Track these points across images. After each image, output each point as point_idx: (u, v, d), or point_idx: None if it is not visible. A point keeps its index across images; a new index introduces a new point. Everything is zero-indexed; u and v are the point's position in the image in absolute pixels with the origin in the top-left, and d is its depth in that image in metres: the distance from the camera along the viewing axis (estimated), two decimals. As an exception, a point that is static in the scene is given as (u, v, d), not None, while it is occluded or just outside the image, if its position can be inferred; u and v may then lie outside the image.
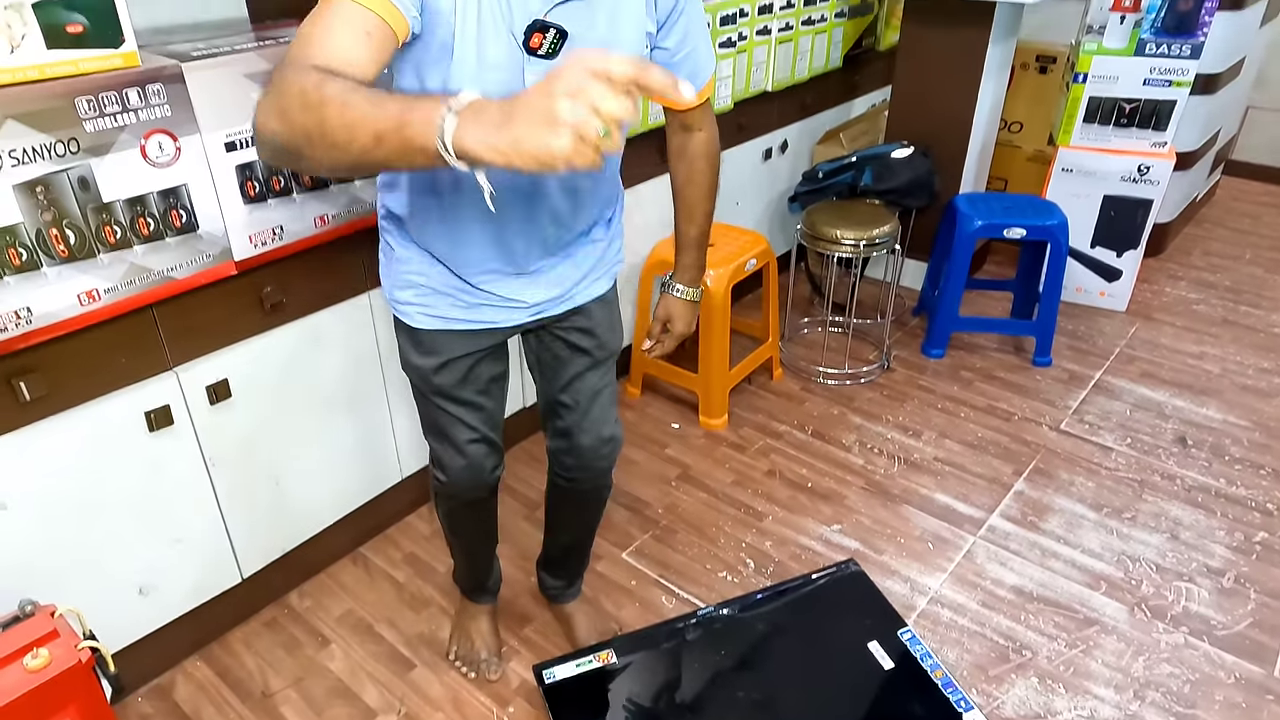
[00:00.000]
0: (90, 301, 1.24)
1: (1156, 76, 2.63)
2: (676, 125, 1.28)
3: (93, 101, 1.15)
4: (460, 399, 1.30)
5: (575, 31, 1.01)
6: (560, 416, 1.40)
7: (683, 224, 1.37)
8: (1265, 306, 3.00)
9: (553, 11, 0.99)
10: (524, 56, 1.00)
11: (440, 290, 1.21)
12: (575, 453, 1.41)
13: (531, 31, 0.99)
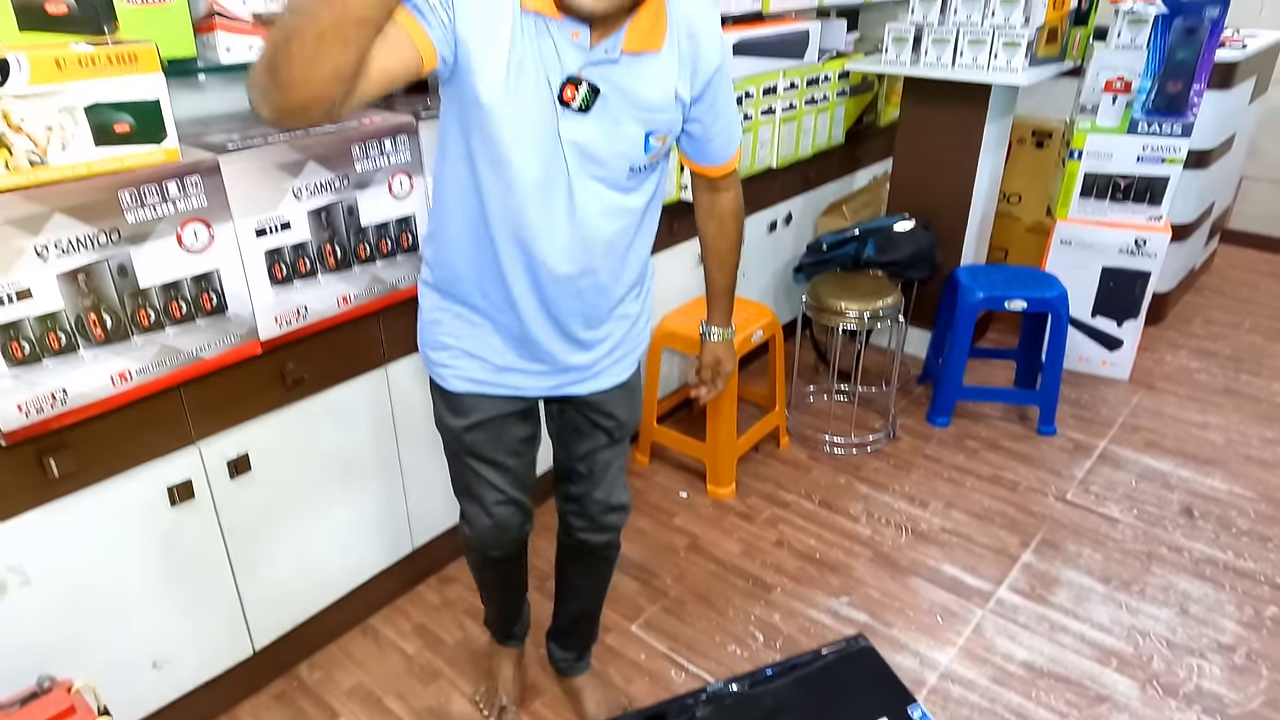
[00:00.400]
0: (122, 382, 1.28)
1: (1149, 154, 2.71)
2: (705, 186, 1.37)
3: (135, 194, 1.21)
4: (489, 459, 1.37)
5: (606, 90, 1.07)
6: (573, 482, 1.47)
7: (716, 274, 1.47)
8: (1266, 375, 3.03)
9: (586, 69, 1.05)
10: (557, 107, 1.06)
11: (471, 354, 1.29)
12: (585, 515, 1.48)
13: (565, 84, 1.05)
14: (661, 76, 1.10)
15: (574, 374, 1.32)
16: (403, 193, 1.59)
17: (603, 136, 1.09)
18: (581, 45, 1.04)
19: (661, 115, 1.13)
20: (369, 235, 1.56)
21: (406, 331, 1.75)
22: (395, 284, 1.64)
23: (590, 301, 1.24)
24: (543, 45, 1.04)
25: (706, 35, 1.13)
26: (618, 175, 1.14)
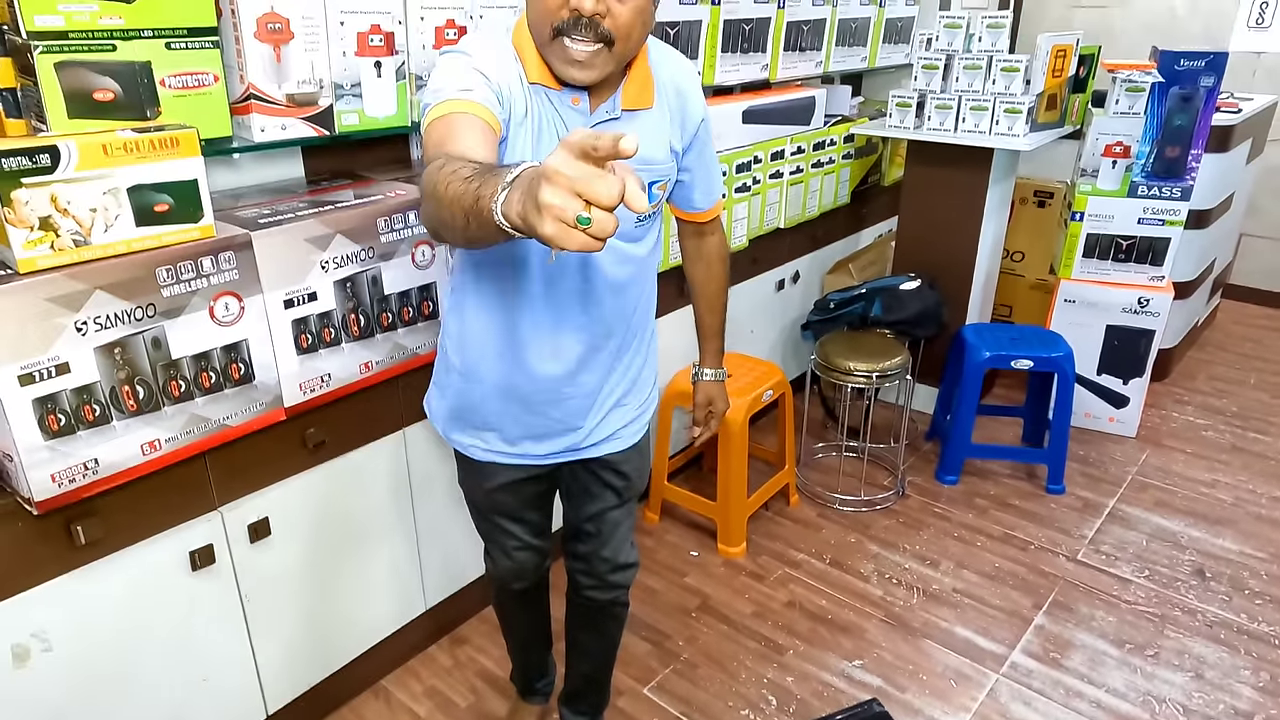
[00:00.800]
0: (152, 451, 1.31)
1: (1150, 216, 2.76)
2: (691, 232, 1.47)
3: (171, 270, 1.26)
4: (510, 514, 1.47)
5: None
6: (581, 541, 1.51)
7: (706, 316, 1.56)
8: (1273, 433, 3.05)
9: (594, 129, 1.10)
10: None
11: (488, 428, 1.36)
12: (593, 574, 1.52)
13: None
14: (657, 130, 1.21)
15: (584, 434, 1.37)
16: (424, 262, 1.63)
17: None
18: (583, 110, 1.14)
19: (660, 166, 1.23)
20: (391, 303, 1.60)
21: (425, 395, 1.79)
22: (416, 350, 1.67)
23: (601, 348, 1.30)
24: (548, 114, 1.13)
25: (691, 92, 1.25)
26: (626, 226, 1.21)
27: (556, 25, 1.03)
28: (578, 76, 1.07)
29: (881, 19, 3.05)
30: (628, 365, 1.38)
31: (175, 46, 1.29)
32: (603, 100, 1.15)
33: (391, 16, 1.55)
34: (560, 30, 1.03)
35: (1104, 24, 4.37)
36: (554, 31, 1.04)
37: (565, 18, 1.02)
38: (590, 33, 1.02)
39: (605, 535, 1.48)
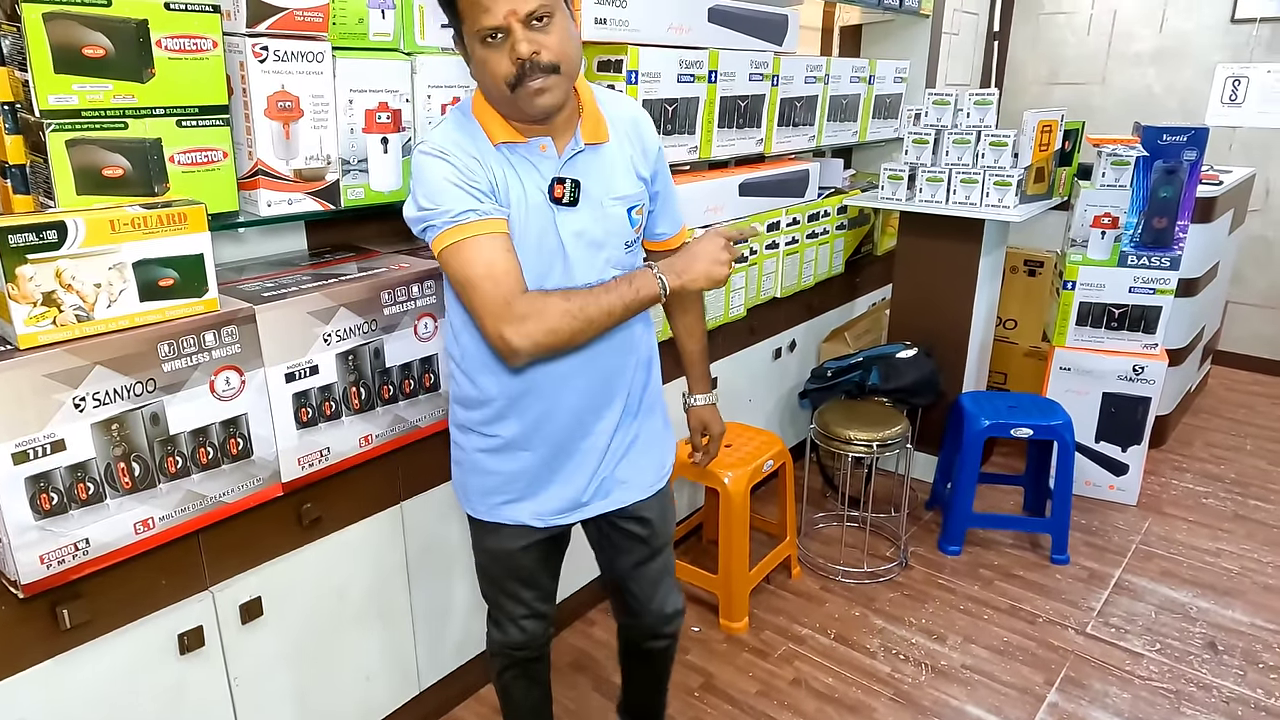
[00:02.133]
0: (145, 530, 1.27)
1: (1141, 285, 2.80)
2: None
3: (173, 345, 1.24)
4: (524, 579, 1.48)
5: (586, 182, 1.26)
6: (627, 601, 1.57)
7: (687, 343, 1.61)
8: (1274, 500, 3.03)
9: (564, 169, 1.26)
10: (552, 208, 1.25)
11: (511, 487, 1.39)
12: (643, 629, 1.59)
13: (554, 184, 1.24)
14: (620, 160, 1.32)
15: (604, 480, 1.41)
16: (426, 334, 1.63)
17: (594, 220, 1.28)
18: (551, 155, 1.25)
19: (631, 190, 1.33)
20: (393, 376, 1.58)
21: (425, 467, 1.76)
22: (416, 422, 1.65)
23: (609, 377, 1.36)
24: (521, 166, 1.24)
25: (644, 123, 1.38)
26: (618, 253, 1.32)
27: (509, 81, 1.15)
28: (544, 103, 1.17)
29: (871, 95, 3.13)
30: (636, 403, 1.42)
31: (186, 124, 1.31)
32: (566, 140, 1.26)
33: (399, 95, 1.58)
34: (514, 83, 1.15)
35: (1083, 100, 4.52)
36: (510, 86, 1.15)
37: (514, 71, 1.14)
38: (537, 71, 1.14)
39: (648, 590, 1.54)
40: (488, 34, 1.12)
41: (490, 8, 1.11)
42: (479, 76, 1.19)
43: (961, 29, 4.45)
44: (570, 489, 1.39)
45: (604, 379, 1.35)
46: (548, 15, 1.13)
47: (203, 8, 1.28)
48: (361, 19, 1.51)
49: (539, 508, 1.40)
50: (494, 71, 1.15)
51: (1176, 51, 4.27)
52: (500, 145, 1.23)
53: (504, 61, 1.13)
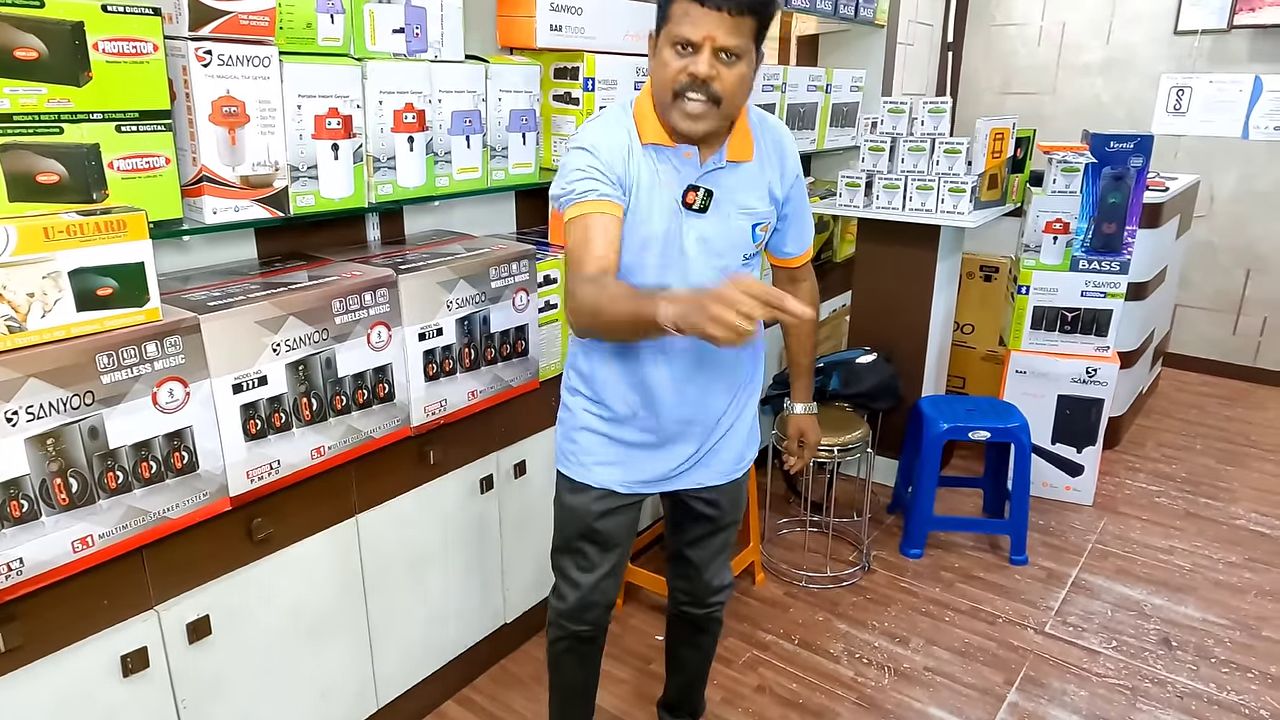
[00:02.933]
0: (83, 548, 1.23)
1: (1092, 289, 2.86)
2: (785, 278, 1.61)
3: (112, 356, 1.21)
4: (597, 541, 1.55)
5: (718, 193, 1.36)
6: (684, 566, 1.69)
7: (798, 355, 1.69)
8: (1223, 499, 3.11)
9: (702, 178, 1.36)
10: (682, 211, 1.35)
11: (611, 450, 1.49)
12: (693, 594, 1.71)
13: (687, 191, 1.35)
14: (757, 179, 1.40)
15: (696, 463, 1.52)
16: (380, 343, 1.60)
17: (719, 230, 1.38)
18: (694, 163, 1.35)
19: (761, 209, 1.42)
20: (345, 386, 1.55)
21: (381, 478, 1.73)
22: (371, 433, 1.62)
23: (725, 369, 1.46)
24: (663, 167, 1.35)
25: (789, 150, 1.46)
26: (735, 263, 1.41)
27: (676, 88, 1.26)
28: (691, 128, 1.28)
29: (828, 104, 3.17)
30: (739, 399, 1.52)
31: (126, 130, 1.27)
32: (711, 153, 1.36)
33: (350, 100, 1.56)
34: (679, 92, 1.26)
35: (1034, 109, 4.62)
36: (674, 94, 1.26)
37: (684, 81, 1.25)
38: (703, 92, 1.25)
39: (704, 563, 1.66)
40: (682, 43, 1.23)
41: (698, 23, 1.21)
42: (655, 73, 1.30)
43: (916, 39, 4.53)
44: (663, 465, 1.50)
45: (720, 369, 1.46)
46: (737, 58, 1.24)
47: (142, 10, 1.25)
48: (310, 24, 1.49)
49: (628, 476, 1.50)
50: (669, 74, 1.26)
51: (1123, 62, 4.39)
52: (648, 145, 1.34)
53: (681, 70, 1.24)
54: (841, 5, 3.10)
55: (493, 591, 2.10)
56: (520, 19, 1.92)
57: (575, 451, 1.52)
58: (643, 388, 1.44)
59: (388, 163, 1.65)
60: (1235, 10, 3.95)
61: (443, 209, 2.02)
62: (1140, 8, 4.28)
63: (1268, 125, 4.10)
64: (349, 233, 1.87)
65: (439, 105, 1.72)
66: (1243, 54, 4.07)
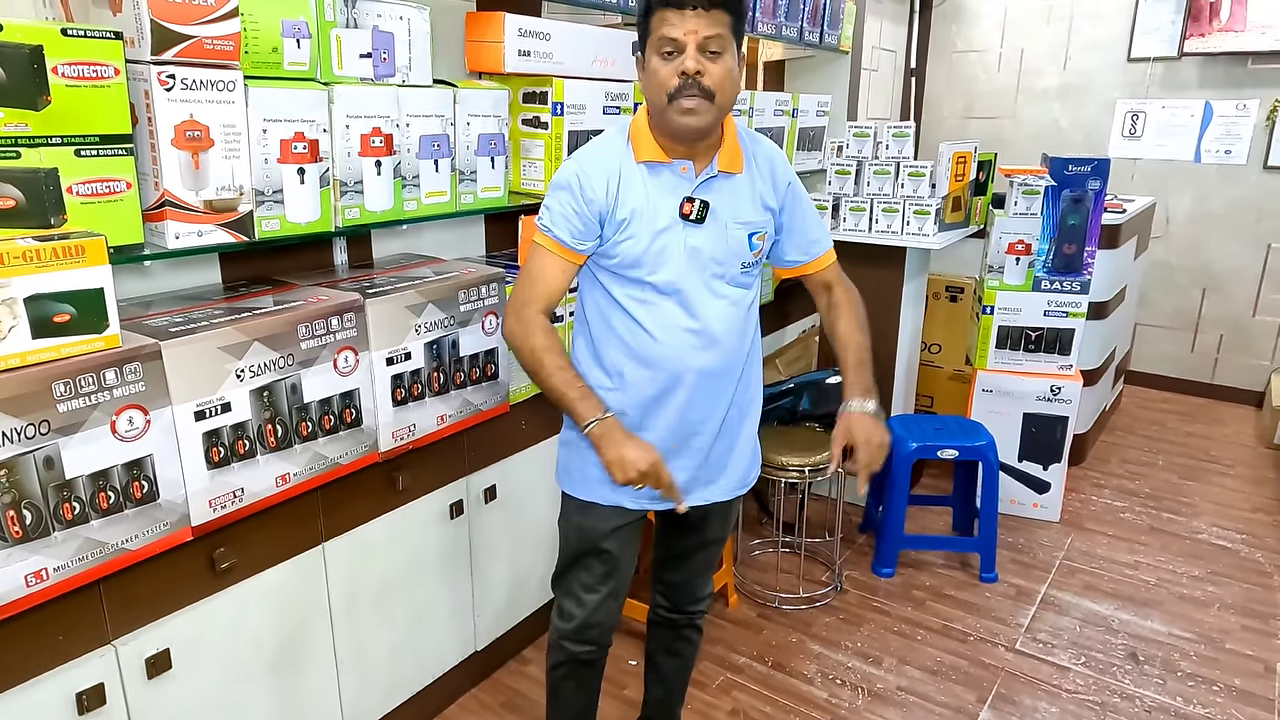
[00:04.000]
0: (37, 582, 1.19)
1: (1054, 308, 2.92)
2: (819, 286, 1.65)
3: (69, 384, 1.18)
4: (604, 559, 1.56)
5: (714, 203, 1.41)
6: (668, 570, 1.71)
7: (847, 355, 1.63)
8: (1185, 513, 3.16)
9: (697, 190, 1.41)
10: (679, 221, 1.40)
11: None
12: (672, 600, 1.74)
13: (683, 202, 1.40)
14: (750, 190, 1.46)
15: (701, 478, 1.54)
16: (347, 368, 1.58)
17: (716, 240, 1.42)
18: (689, 176, 1.41)
19: (757, 219, 1.46)
20: (312, 412, 1.53)
21: (348, 505, 1.71)
22: (338, 459, 1.60)
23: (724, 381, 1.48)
24: (659, 182, 1.40)
25: (779, 161, 1.52)
26: (734, 271, 1.45)
27: (670, 91, 1.31)
28: (691, 123, 1.33)
29: (795, 128, 3.21)
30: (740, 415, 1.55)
31: (86, 154, 1.25)
32: (704, 166, 1.42)
33: (316, 124, 1.55)
34: (673, 95, 1.31)
35: (996, 133, 4.73)
36: (669, 97, 1.32)
37: (675, 83, 1.31)
38: (695, 89, 1.30)
39: (688, 572, 1.69)
40: (666, 46, 1.30)
41: (677, 23, 1.29)
42: (647, 85, 1.36)
43: (880, 65, 4.62)
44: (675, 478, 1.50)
45: (719, 382, 1.48)
46: (721, 50, 1.31)
47: (103, 34, 1.24)
48: (276, 48, 1.48)
49: (637, 492, 1.48)
50: (660, 81, 1.32)
51: (1080, 88, 4.51)
52: (643, 163, 1.40)
53: (671, 74, 1.30)
54: (807, 32, 3.15)
55: (463, 619, 2.07)
56: (489, 44, 1.92)
57: (583, 469, 1.52)
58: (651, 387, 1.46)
59: (355, 186, 1.65)
60: (1185, 37, 4.08)
61: (411, 233, 2.02)
62: (1095, 35, 4.41)
63: (1218, 149, 4.24)
64: (316, 257, 1.85)
65: (407, 129, 1.72)
66: (1193, 80, 4.20)
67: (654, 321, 1.43)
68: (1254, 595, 2.63)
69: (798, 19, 3.07)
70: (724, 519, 1.66)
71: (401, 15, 1.67)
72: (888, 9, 4.58)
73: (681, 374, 1.45)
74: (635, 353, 1.45)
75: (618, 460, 1.35)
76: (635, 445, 1.37)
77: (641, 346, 1.45)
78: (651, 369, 1.45)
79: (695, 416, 1.49)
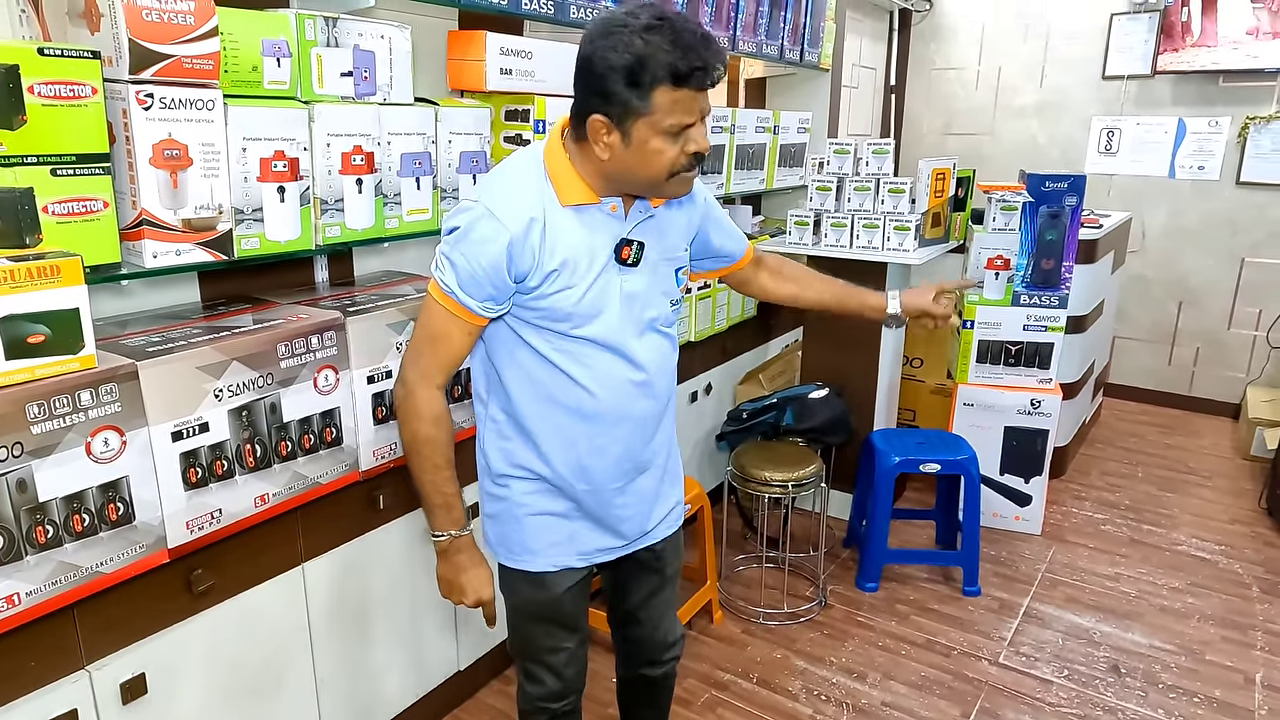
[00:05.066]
0: (9, 607, 1.17)
1: (1033, 323, 2.95)
2: (751, 272, 1.63)
3: (43, 406, 1.16)
4: (566, 625, 1.48)
5: (649, 244, 1.32)
6: (631, 626, 1.60)
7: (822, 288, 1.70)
8: (1165, 525, 3.19)
9: (633, 231, 1.31)
10: (617, 268, 1.29)
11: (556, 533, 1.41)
12: (649, 655, 1.62)
13: (621, 246, 1.29)
14: (674, 221, 1.37)
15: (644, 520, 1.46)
16: (328, 387, 1.57)
17: (649, 281, 1.33)
18: (619, 215, 1.29)
19: (682, 254, 1.41)
20: (291, 431, 1.52)
21: (328, 525, 1.69)
22: (318, 479, 1.59)
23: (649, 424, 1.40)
24: (589, 227, 1.27)
25: (699, 187, 1.45)
26: (665, 311, 1.38)
27: (675, 169, 1.21)
28: (683, 191, 1.28)
29: (776, 145, 3.24)
30: (669, 448, 1.49)
31: (62, 173, 1.24)
32: (631, 204, 1.31)
33: (296, 143, 1.55)
34: (677, 171, 1.21)
35: (975, 149, 4.79)
36: (670, 174, 1.21)
37: (685, 162, 1.21)
38: (696, 160, 1.22)
39: (655, 620, 1.58)
40: (680, 128, 1.17)
41: (692, 109, 1.16)
42: (635, 159, 1.20)
43: (860, 82, 4.67)
44: (613, 527, 1.43)
45: (655, 421, 1.41)
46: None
47: (80, 54, 1.23)
48: (256, 66, 1.48)
49: (582, 546, 1.43)
50: (666, 161, 1.19)
51: (1056, 105, 4.58)
52: (569, 207, 1.26)
53: (679, 153, 1.19)
54: (788, 49, 3.18)
55: (445, 638, 2.05)
56: (471, 62, 1.93)
57: (523, 539, 1.41)
58: (577, 441, 1.35)
59: (335, 204, 1.64)
60: (1158, 54, 4.15)
61: (393, 250, 2.01)
62: (1070, 54, 4.48)
63: (1192, 165, 4.31)
64: (296, 275, 1.84)
65: (388, 147, 1.72)
66: (1166, 98, 4.28)
67: (591, 376, 1.31)
68: (1233, 606, 2.65)
69: (778, 37, 3.11)
70: (677, 550, 1.58)
71: (383, 34, 1.67)
72: (867, 27, 4.64)
73: (621, 423, 1.35)
74: (572, 409, 1.32)
75: (450, 583, 1.36)
76: (472, 577, 1.35)
77: (580, 403, 1.32)
78: (589, 424, 1.33)
79: (640, 459, 1.40)
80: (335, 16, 1.60)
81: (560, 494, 1.39)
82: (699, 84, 1.15)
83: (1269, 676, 2.31)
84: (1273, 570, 2.86)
